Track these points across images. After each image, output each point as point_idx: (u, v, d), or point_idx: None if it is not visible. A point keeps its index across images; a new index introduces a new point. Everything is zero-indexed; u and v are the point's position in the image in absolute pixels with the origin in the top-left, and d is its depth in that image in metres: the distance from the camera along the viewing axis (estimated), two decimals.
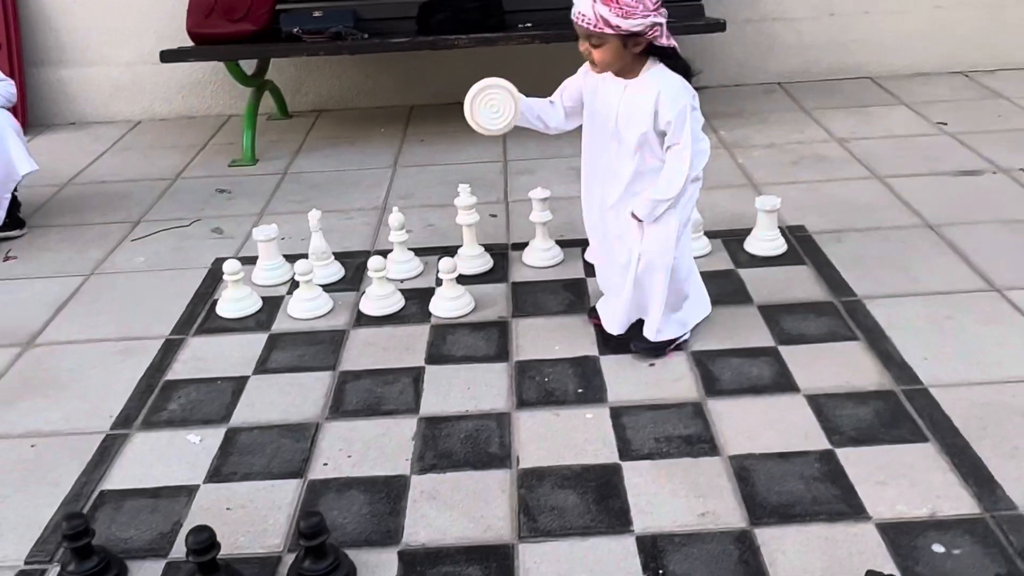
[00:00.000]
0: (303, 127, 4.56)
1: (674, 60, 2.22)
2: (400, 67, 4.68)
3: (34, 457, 2.17)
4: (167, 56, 3.94)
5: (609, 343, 2.46)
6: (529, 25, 4.04)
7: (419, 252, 3.00)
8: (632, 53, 2.18)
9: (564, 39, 3.95)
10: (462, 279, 2.74)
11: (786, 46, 4.66)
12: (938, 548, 1.75)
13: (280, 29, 4.04)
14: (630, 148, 2.25)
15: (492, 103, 2.27)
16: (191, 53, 4.04)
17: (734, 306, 2.61)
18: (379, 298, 2.70)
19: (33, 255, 3.27)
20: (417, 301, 2.75)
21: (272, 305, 2.78)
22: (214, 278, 2.98)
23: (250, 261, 2.95)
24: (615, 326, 2.44)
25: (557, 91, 2.39)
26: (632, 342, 2.43)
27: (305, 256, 2.86)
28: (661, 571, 1.73)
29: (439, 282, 2.73)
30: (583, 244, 3.01)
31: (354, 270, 2.97)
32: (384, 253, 2.88)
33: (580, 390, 2.29)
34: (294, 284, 2.80)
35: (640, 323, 2.43)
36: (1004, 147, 3.67)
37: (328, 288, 2.82)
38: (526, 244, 3.00)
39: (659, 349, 2.41)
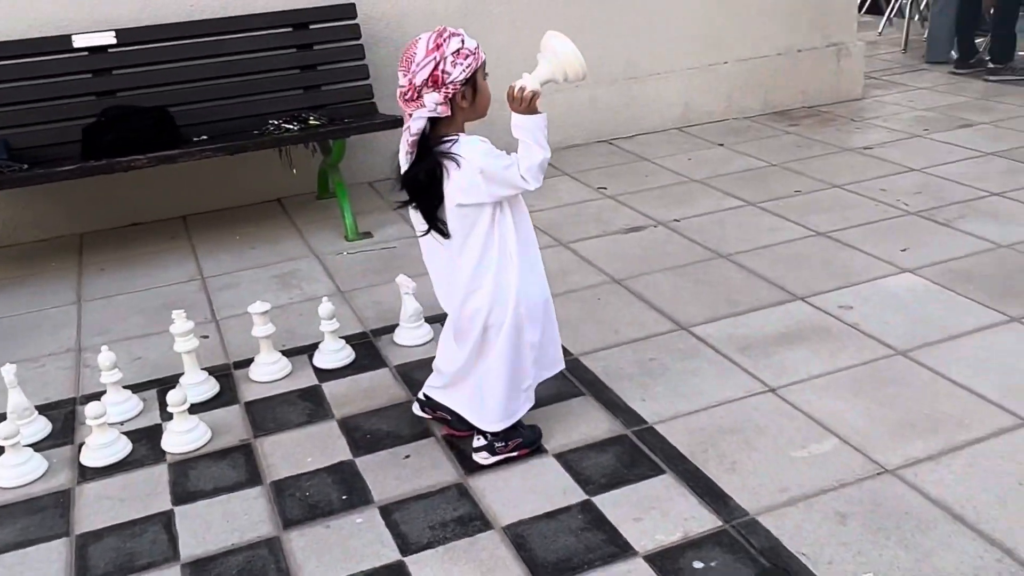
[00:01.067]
0: None
1: None
2: (64, 194, 4.36)
3: None
4: None
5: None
6: (205, 138, 3.98)
7: (134, 389, 2.81)
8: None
9: (246, 149, 3.97)
10: (191, 408, 2.61)
11: None
12: (698, 564, 1.97)
13: None
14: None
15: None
16: None
17: None
18: (102, 447, 2.49)
19: None
20: (146, 442, 2.57)
21: None
22: None
23: None
24: None
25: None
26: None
27: (2, 417, 2.57)
28: None
29: (168, 417, 2.58)
30: (309, 351, 3.01)
31: (63, 421, 2.71)
32: (94, 397, 2.67)
33: (344, 496, 2.28)
34: None
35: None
36: (657, 203, 4.21)
37: (37, 447, 2.56)
38: (250, 360, 2.93)
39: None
